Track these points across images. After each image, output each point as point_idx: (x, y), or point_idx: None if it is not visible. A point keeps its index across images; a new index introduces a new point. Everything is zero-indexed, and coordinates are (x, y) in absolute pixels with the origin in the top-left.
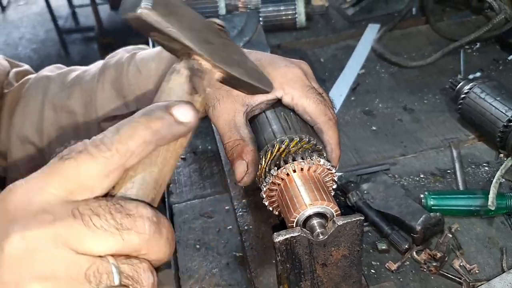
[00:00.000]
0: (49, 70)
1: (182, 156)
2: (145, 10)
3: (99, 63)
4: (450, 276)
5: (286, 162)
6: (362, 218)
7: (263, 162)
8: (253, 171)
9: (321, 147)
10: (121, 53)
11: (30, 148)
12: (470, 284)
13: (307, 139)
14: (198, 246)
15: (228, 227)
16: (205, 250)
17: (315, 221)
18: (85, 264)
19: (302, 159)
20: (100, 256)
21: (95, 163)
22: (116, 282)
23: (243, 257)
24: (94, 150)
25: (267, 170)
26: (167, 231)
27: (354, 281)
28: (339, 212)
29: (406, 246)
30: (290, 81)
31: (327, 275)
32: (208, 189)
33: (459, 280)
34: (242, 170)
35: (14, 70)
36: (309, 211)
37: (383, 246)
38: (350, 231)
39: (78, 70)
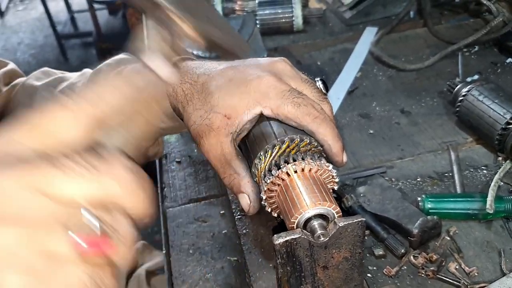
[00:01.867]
0: (36, 78)
1: (177, 160)
2: None
3: (87, 72)
4: (448, 280)
5: (287, 163)
6: (364, 219)
7: (263, 162)
8: (255, 200)
9: (321, 148)
10: (105, 70)
11: None
12: (469, 287)
13: (308, 140)
14: (191, 251)
15: (223, 231)
16: (199, 255)
17: (316, 223)
18: (58, 210)
19: (303, 159)
20: (77, 204)
21: (65, 112)
22: (94, 228)
23: (237, 262)
24: (66, 101)
25: (267, 170)
26: (146, 183)
27: (356, 284)
28: (341, 213)
29: (403, 251)
30: (264, 93)
31: (328, 278)
32: (203, 193)
33: (458, 284)
34: (245, 203)
35: (1, 71)
36: (310, 212)
37: (380, 251)
38: (352, 233)
39: (66, 80)
